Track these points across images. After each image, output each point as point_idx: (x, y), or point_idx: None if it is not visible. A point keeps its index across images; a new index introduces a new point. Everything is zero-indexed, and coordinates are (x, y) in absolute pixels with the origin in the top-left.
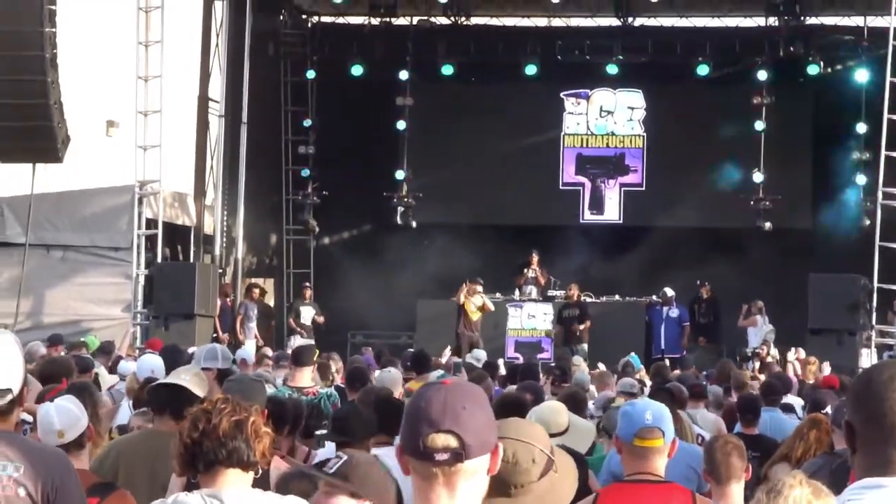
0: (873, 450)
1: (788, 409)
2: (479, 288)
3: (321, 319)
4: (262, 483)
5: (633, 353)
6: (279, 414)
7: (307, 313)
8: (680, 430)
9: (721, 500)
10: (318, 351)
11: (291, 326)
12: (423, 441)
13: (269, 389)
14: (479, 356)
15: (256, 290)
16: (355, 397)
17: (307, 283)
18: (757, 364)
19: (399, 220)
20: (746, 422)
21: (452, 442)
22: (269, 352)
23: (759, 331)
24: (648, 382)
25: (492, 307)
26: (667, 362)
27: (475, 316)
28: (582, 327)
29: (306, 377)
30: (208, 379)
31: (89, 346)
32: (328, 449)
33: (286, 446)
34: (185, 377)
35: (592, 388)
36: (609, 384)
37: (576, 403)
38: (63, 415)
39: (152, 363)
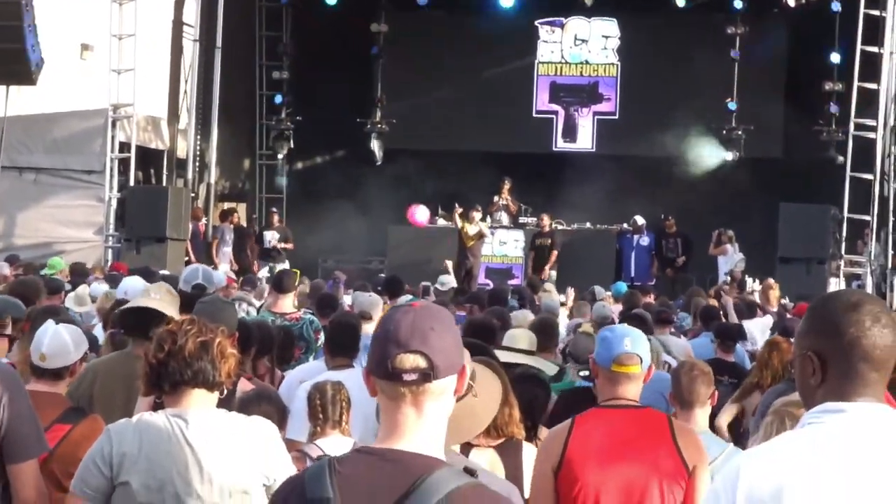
0: (840, 374)
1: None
2: (476, 215)
3: (289, 246)
4: (226, 403)
5: (619, 283)
6: (244, 336)
7: (270, 237)
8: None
9: (685, 424)
10: (299, 275)
11: (213, 254)
12: (391, 362)
13: (245, 312)
14: (446, 281)
15: (235, 216)
16: (325, 323)
17: (274, 209)
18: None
19: (372, 146)
20: (725, 348)
21: (421, 362)
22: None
23: (730, 259)
24: (615, 309)
25: (488, 234)
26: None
27: (471, 242)
28: (553, 256)
29: (288, 303)
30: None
31: (51, 267)
32: (305, 370)
33: (262, 369)
34: (156, 296)
35: (563, 313)
36: (585, 314)
37: (547, 329)
38: (55, 341)
39: (128, 285)
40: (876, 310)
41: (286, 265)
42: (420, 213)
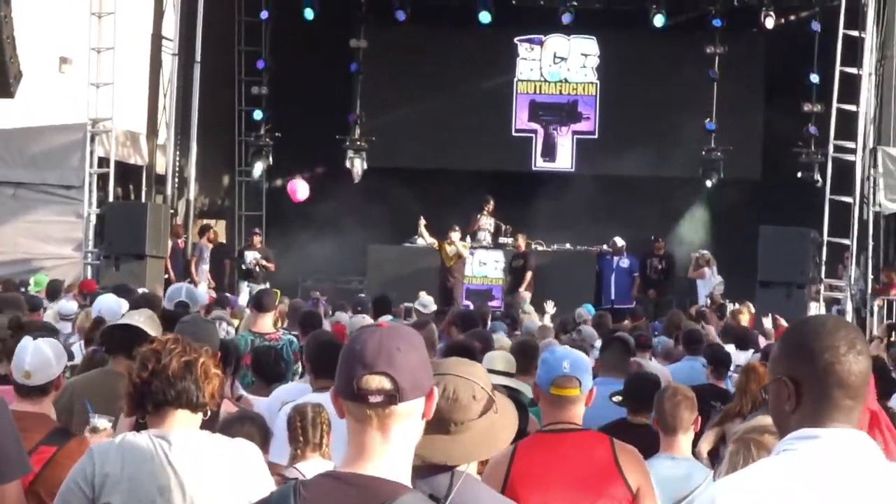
0: (814, 400)
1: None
2: (454, 236)
3: (270, 266)
4: (210, 425)
5: (586, 304)
6: (226, 356)
7: (251, 257)
8: None
9: (668, 450)
10: (279, 295)
11: (192, 272)
12: (357, 383)
13: (226, 332)
14: (426, 302)
15: (212, 232)
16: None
17: (256, 229)
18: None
19: (351, 164)
20: (717, 375)
21: (386, 384)
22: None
23: (708, 282)
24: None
25: (465, 254)
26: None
27: (450, 262)
28: (527, 277)
29: (268, 322)
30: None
31: (37, 284)
32: (287, 390)
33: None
34: (139, 318)
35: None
36: (548, 336)
37: (527, 351)
38: (37, 356)
39: (102, 303)
40: (851, 335)
41: (266, 286)
42: (300, 189)
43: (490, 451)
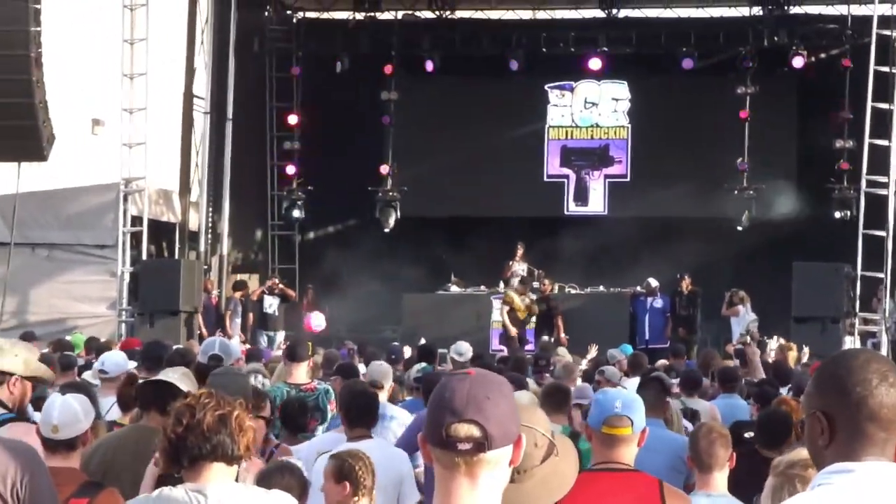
0: (848, 435)
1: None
2: (526, 288)
3: (291, 293)
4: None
5: (624, 345)
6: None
7: (271, 303)
8: (669, 420)
9: (704, 487)
10: (311, 346)
11: (227, 326)
12: (445, 430)
13: (261, 384)
14: (462, 350)
15: (248, 288)
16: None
17: (275, 278)
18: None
19: (384, 215)
20: (758, 409)
21: (475, 432)
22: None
23: (742, 320)
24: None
25: (536, 309)
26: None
27: (522, 314)
28: (557, 322)
29: (302, 373)
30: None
31: (75, 344)
32: (323, 441)
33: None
34: (174, 375)
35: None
36: (573, 377)
37: (556, 394)
38: (65, 411)
39: (106, 358)
40: (883, 368)
41: (282, 334)
42: (315, 319)
43: (556, 495)
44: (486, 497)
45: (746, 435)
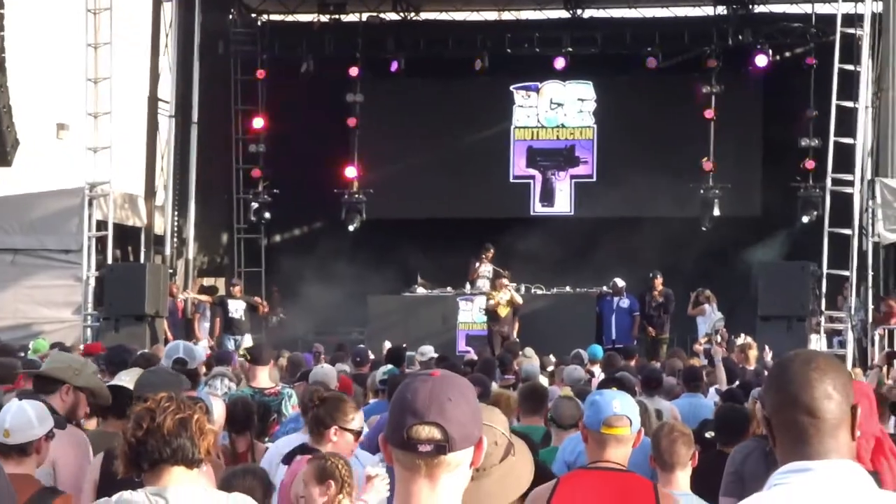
0: (791, 433)
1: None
2: (506, 282)
3: (261, 304)
4: None
5: (594, 346)
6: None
7: (236, 307)
8: (644, 421)
9: (667, 486)
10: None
11: (195, 329)
12: (406, 432)
13: (228, 388)
14: (425, 351)
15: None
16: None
17: (235, 280)
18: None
19: (349, 217)
20: None
21: (436, 433)
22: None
23: (708, 319)
24: (599, 373)
25: (520, 300)
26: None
27: (504, 311)
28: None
29: (264, 376)
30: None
31: (38, 349)
32: (287, 442)
33: (243, 445)
34: (126, 378)
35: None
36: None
37: (535, 394)
38: (18, 416)
39: None
40: (821, 365)
41: (248, 338)
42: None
43: (513, 493)
44: (447, 499)
45: (707, 434)
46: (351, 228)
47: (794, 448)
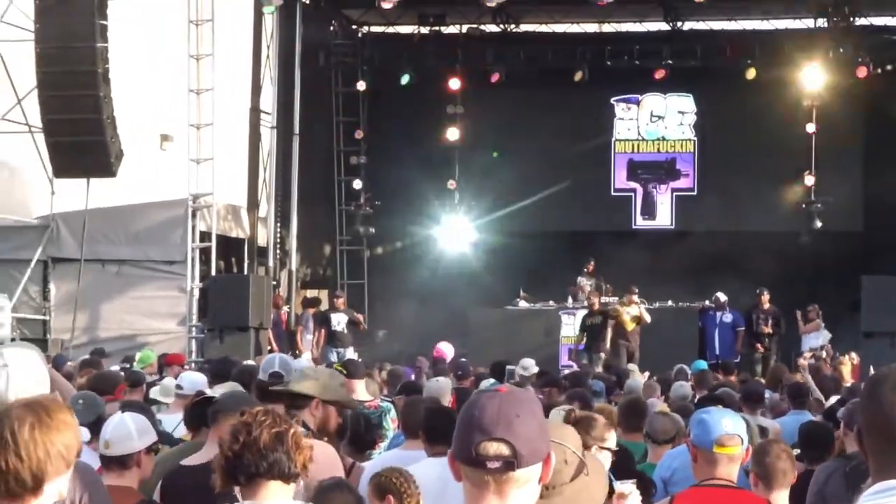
0: (882, 455)
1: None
2: (635, 298)
3: (362, 323)
4: None
5: (698, 361)
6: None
7: (339, 319)
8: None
9: None
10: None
11: (298, 342)
12: (475, 448)
13: None
14: (527, 365)
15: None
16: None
17: (339, 292)
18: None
19: (450, 228)
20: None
21: (504, 450)
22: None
23: (821, 335)
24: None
25: (648, 318)
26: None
27: (630, 326)
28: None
29: (362, 389)
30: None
31: (144, 360)
32: (386, 459)
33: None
34: (220, 392)
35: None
36: (654, 394)
37: (634, 409)
38: (118, 428)
39: (185, 379)
40: None
41: (351, 351)
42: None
43: None
44: None
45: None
46: (457, 243)
47: (884, 469)
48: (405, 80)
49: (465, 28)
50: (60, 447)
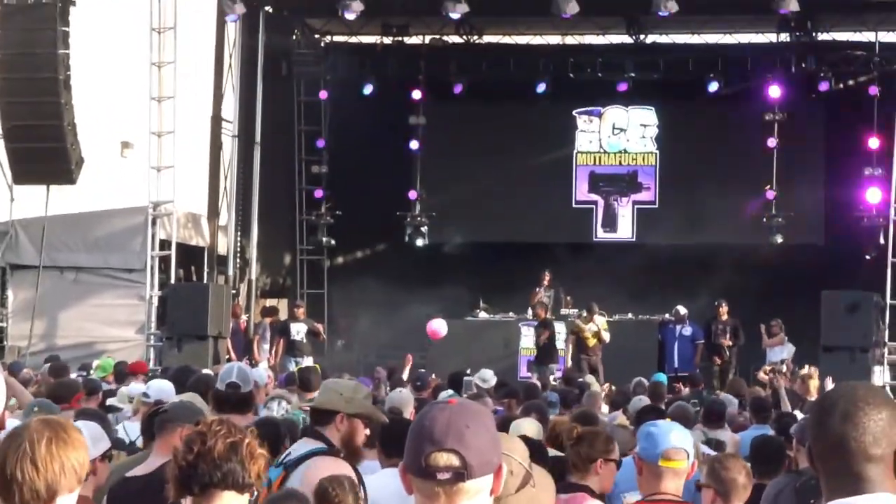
0: (835, 477)
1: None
2: (597, 316)
3: (321, 333)
4: None
5: (658, 374)
6: (273, 435)
7: (299, 329)
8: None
9: None
10: (318, 370)
11: (255, 351)
12: (425, 459)
13: (285, 410)
14: (486, 377)
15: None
16: None
17: (299, 302)
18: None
19: (411, 240)
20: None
21: (455, 461)
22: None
23: (786, 348)
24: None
25: (606, 338)
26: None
27: (591, 342)
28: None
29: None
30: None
31: (105, 368)
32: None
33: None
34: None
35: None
36: (596, 404)
37: (588, 421)
38: None
39: (154, 388)
40: (867, 399)
41: (310, 360)
42: (440, 327)
43: None
44: None
45: None
46: (417, 255)
47: (836, 490)
48: (367, 90)
49: (428, 39)
50: (74, 463)
